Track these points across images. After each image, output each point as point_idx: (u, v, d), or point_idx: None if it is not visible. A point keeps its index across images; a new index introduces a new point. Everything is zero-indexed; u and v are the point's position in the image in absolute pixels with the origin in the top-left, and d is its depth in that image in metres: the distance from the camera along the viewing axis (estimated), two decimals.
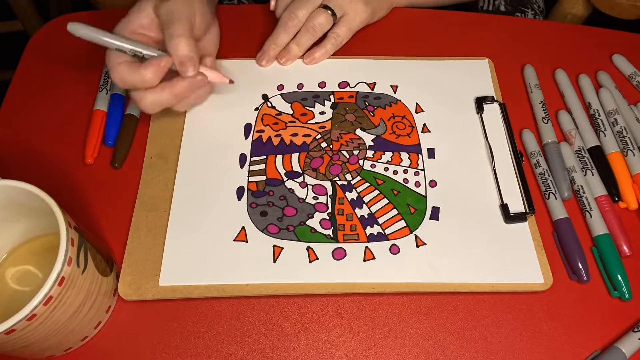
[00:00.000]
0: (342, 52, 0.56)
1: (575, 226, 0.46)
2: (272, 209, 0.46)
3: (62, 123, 0.52)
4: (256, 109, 0.52)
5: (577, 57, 0.57)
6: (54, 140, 0.51)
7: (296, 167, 0.48)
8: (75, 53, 0.57)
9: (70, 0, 1.16)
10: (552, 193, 0.47)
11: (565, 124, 0.52)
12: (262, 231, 0.45)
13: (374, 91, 0.54)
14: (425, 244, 0.44)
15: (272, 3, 0.57)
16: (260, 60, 0.55)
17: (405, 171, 0.48)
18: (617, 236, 0.45)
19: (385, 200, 0.47)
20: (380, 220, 0.45)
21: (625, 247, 0.45)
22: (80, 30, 0.43)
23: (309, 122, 0.51)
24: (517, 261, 0.43)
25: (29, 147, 0.50)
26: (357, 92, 0.53)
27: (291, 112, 0.52)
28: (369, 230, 0.45)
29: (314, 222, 0.45)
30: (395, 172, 0.48)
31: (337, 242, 0.44)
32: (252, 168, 0.48)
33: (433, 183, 0.48)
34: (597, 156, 0.50)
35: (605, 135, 0.51)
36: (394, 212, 0.46)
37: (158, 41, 0.48)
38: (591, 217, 0.46)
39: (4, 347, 0.34)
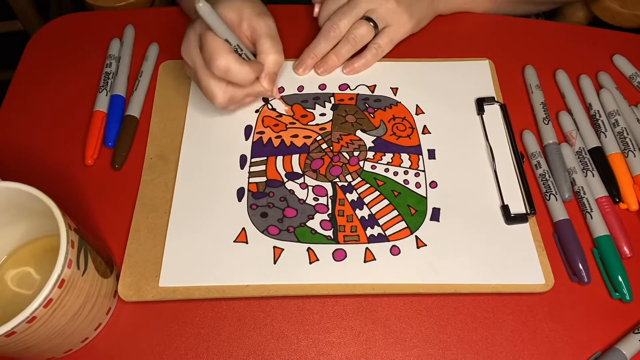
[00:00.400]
0: None
1: (576, 227, 0.45)
2: (272, 210, 0.46)
3: (62, 124, 0.52)
4: (256, 111, 0.52)
5: (578, 57, 0.57)
6: (54, 141, 0.51)
7: (296, 168, 0.48)
8: (75, 54, 0.57)
9: (70, 0, 1.16)
10: (553, 194, 0.47)
11: (566, 124, 0.52)
12: (262, 232, 0.45)
13: (374, 93, 0.53)
14: (425, 245, 0.44)
15: (316, 10, 0.56)
16: (297, 68, 0.54)
17: (406, 172, 0.48)
18: (617, 237, 0.45)
19: (386, 202, 0.46)
20: (381, 221, 0.45)
21: (625, 249, 0.45)
22: (207, 11, 0.42)
23: (309, 123, 0.51)
24: (518, 262, 0.43)
25: (28, 149, 0.50)
26: (358, 94, 0.53)
27: (292, 113, 0.52)
28: (369, 231, 0.45)
29: (314, 223, 0.45)
30: (395, 173, 0.48)
31: (338, 243, 0.44)
32: (253, 169, 0.48)
33: (434, 184, 0.48)
34: (598, 157, 0.50)
35: (606, 136, 0.50)
36: (395, 213, 0.46)
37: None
38: (592, 218, 0.46)
39: (4, 349, 0.34)
